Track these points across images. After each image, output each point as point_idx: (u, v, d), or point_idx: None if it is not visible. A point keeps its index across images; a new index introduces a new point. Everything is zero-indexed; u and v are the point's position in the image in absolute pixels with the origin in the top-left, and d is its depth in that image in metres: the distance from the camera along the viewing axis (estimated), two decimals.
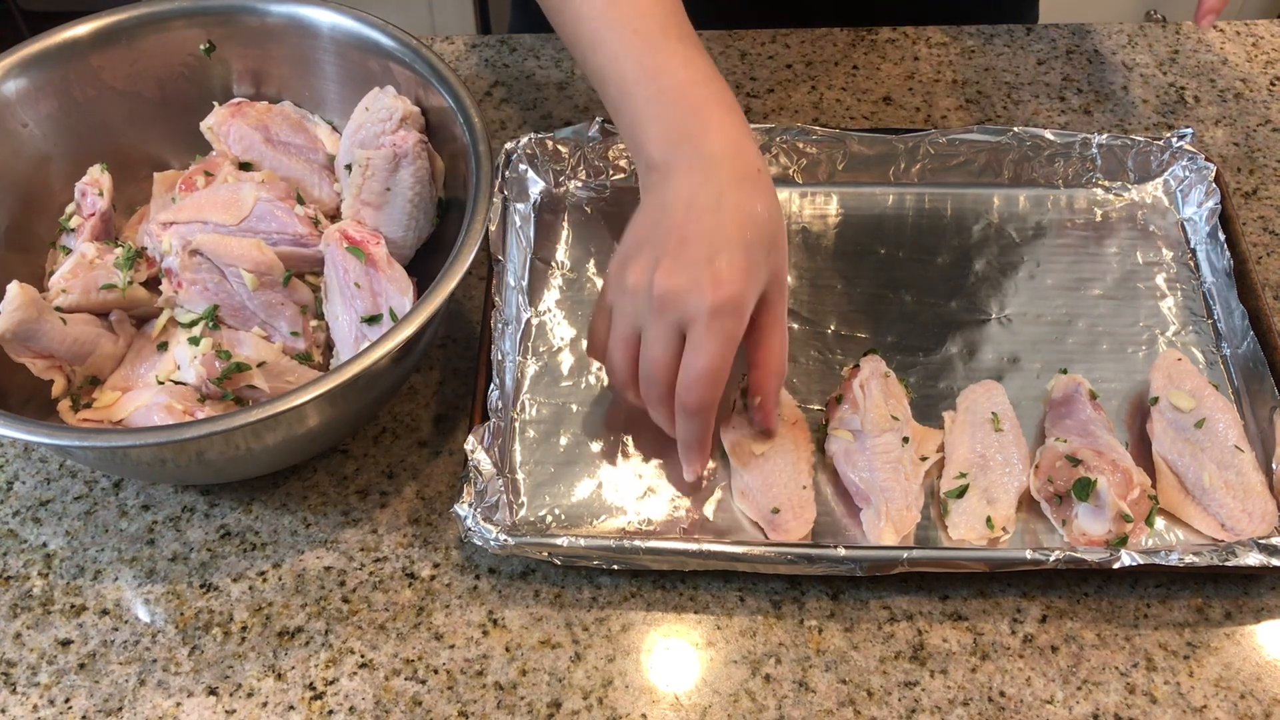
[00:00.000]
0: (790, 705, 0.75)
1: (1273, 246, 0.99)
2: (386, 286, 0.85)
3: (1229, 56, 1.14)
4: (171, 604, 0.80)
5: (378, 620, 0.79)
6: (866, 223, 1.00)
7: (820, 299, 0.95)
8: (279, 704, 0.75)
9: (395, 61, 0.91)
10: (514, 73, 1.13)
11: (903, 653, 0.77)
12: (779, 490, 0.81)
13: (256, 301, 0.85)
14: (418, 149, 0.87)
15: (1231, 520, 0.80)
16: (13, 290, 0.79)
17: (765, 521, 0.81)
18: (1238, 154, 1.06)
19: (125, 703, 0.76)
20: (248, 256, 0.84)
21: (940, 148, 1.00)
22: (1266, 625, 0.78)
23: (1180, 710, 0.74)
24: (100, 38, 0.91)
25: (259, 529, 0.83)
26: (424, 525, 0.83)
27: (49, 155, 0.92)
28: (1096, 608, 0.79)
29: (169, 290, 0.86)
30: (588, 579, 0.80)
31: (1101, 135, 1.00)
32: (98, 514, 0.84)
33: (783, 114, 1.09)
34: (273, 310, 0.86)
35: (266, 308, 0.86)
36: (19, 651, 0.78)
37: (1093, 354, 0.91)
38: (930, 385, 0.90)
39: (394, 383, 0.85)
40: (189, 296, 0.85)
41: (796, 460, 0.83)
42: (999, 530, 0.80)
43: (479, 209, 0.81)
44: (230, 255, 0.84)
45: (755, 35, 1.16)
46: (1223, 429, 0.83)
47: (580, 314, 0.94)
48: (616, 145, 1.01)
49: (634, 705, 0.75)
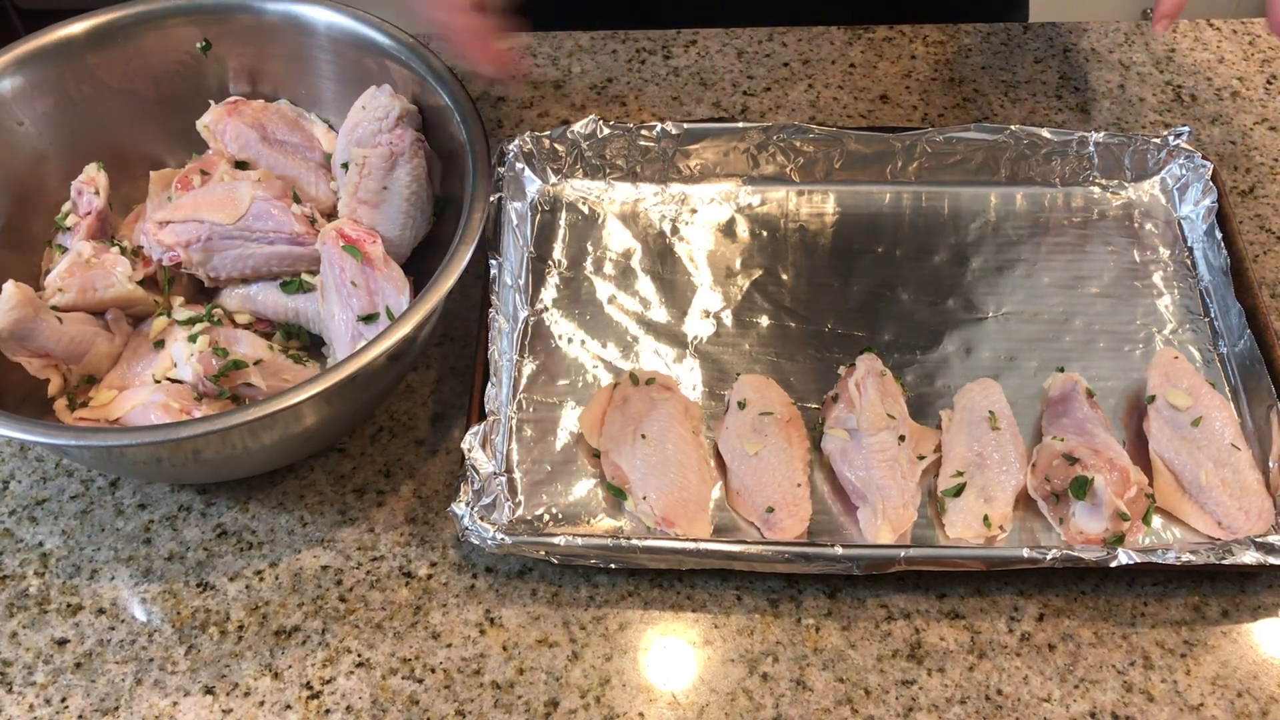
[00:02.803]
0: (788, 704, 0.75)
1: (1269, 244, 0.99)
2: (383, 285, 0.85)
3: (1226, 55, 1.14)
4: (168, 603, 0.80)
5: (375, 619, 0.79)
6: (863, 221, 1.00)
7: (817, 297, 0.95)
8: (276, 703, 0.75)
9: (392, 60, 0.91)
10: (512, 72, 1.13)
11: (900, 651, 0.77)
12: (773, 489, 0.81)
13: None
14: (414, 147, 0.87)
15: (1228, 518, 0.80)
16: (9, 289, 0.79)
17: (761, 521, 0.81)
18: (1234, 152, 1.06)
19: (122, 702, 0.75)
20: None
21: (937, 146, 1.00)
22: (1263, 623, 0.78)
23: (1177, 708, 0.74)
24: (96, 36, 0.91)
25: (256, 528, 0.83)
26: (421, 524, 0.83)
27: (45, 153, 0.92)
28: (1094, 606, 0.79)
29: None
30: (585, 578, 0.80)
31: (1098, 134, 1.00)
32: (94, 513, 0.84)
33: (780, 112, 1.09)
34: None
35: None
36: (15, 651, 0.78)
37: (1090, 352, 0.91)
38: (927, 384, 0.90)
39: (391, 381, 0.85)
40: None
41: (790, 459, 0.83)
42: (996, 529, 0.80)
43: (476, 208, 0.81)
44: None
45: (752, 33, 1.16)
46: (1219, 427, 0.83)
47: (577, 312, 0.93)
48: (614, 144, 1.00)
49: (631, 704, 0.75)
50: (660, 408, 0.85)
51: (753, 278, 0.96)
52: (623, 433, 0.84)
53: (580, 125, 1.00)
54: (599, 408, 0.87)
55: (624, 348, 0.92)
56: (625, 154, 1.01)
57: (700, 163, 1.01)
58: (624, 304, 0.94)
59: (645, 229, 0.99)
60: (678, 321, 0.93)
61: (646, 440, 0.83)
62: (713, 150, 1.01)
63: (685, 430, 0.84)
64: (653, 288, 0.95)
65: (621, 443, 0.83)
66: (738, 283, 0.96)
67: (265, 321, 0.90)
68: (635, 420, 0.84)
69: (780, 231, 0.99)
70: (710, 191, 1.01)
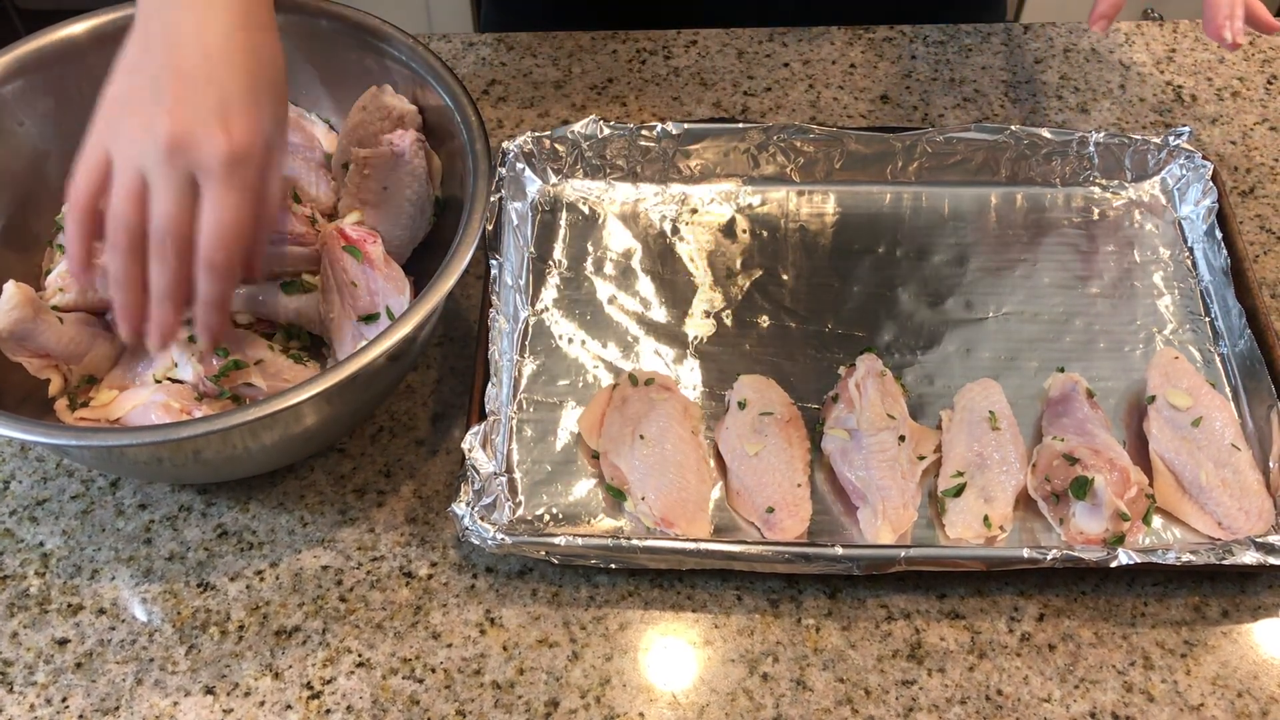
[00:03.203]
0: (788, 704, 0.75)
1: (1270, 245, 0.99)
2: (383, 285, 0.85)
3: (1226, 55, 1.14)
4: (169, 603, 0.80)
5: (375, 619, 0.79)
6: (864, 221, 1.00)
7: (817, 298, 0.95)
8: (276, 703, 0.75)
9: (392, 60, 0.91)
10: (511, 71, 1.13)
11: (900, 651, 0.77)
12: (773, 490, 0.81)
13: None
14: (415, 148, 0.87)
15: (1228, 518, 0.80)
16: (9, 289, 0.79)
17: (761, 521, 0.81)
18: (1235, 152, 1.06)
19: (122, 702, 0.75)
20: None
21: (938, 146, 1.00)
22: (1263, 623, 0.78)
23: (1177, 708, 0.74)
24: (97, 36, 0.91)
25: (256, 528, 0.83)
26: (421, 524, 0.83)
27: (46, 154, 0.92)
28: (1094, 606, 0.79)
29: None
30: (585, 578, 0.80)
31: (1099, 134, 1.00)
32: (94, 513, 0.84)
33: (780, 113, 1.09)
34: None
35: None
36: (16, 651, 0.78)
37: (1090, 352, 0.91)
38: (927, 384, 0.90)
39: (391, 381, 0.85)
40: None
41: (790, 459, 0.83)
42: (996, 529, 0.80)
43: (476, 208, 0.81)
44: None
45: (753, 34, 1.16)
46: (1220, 427, 0.83)
47: (578, 312, 0.94)
48: (614, 144, 1.01)
49: (631, 704, 0.75)
50: (659, 408, 0.85)
51: (753, 278, 0.96)
52: (621, 433, 0.84)
53: (580, 125, 1.00)
54: (598, 409, 0.87)
55: (624, 348, 0.92)
56: (625, 154, 1.01)
57: (700, 163, 1.01)
58: (624, 304, 0.94)
59: (645, 229, 0.99)
60: (678, 321, 0.94)
61: (645, 441, 0.83)
62: (713, 150, 1.01)
63: (684, 430, 0.84)
64: (653, 288, 0.96)
65: (620, 443, 0.83)
66: (738, 283, 0.96)
67: (265, 321, 0.90)
68: (634, 421, 0.84)
69: (780, 231, 0.99)
70: (710, 191, 1.01)
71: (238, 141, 0.70)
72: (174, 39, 0.71)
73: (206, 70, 0.71)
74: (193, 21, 0.71)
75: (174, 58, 0.71)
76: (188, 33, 0.71)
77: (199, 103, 0.70)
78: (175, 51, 0.71)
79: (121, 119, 0.71)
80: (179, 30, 0.71)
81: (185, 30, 0.71)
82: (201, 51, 0.71)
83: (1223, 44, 0.90)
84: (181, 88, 0.70)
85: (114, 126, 0.72)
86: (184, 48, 0.71)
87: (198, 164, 0.70)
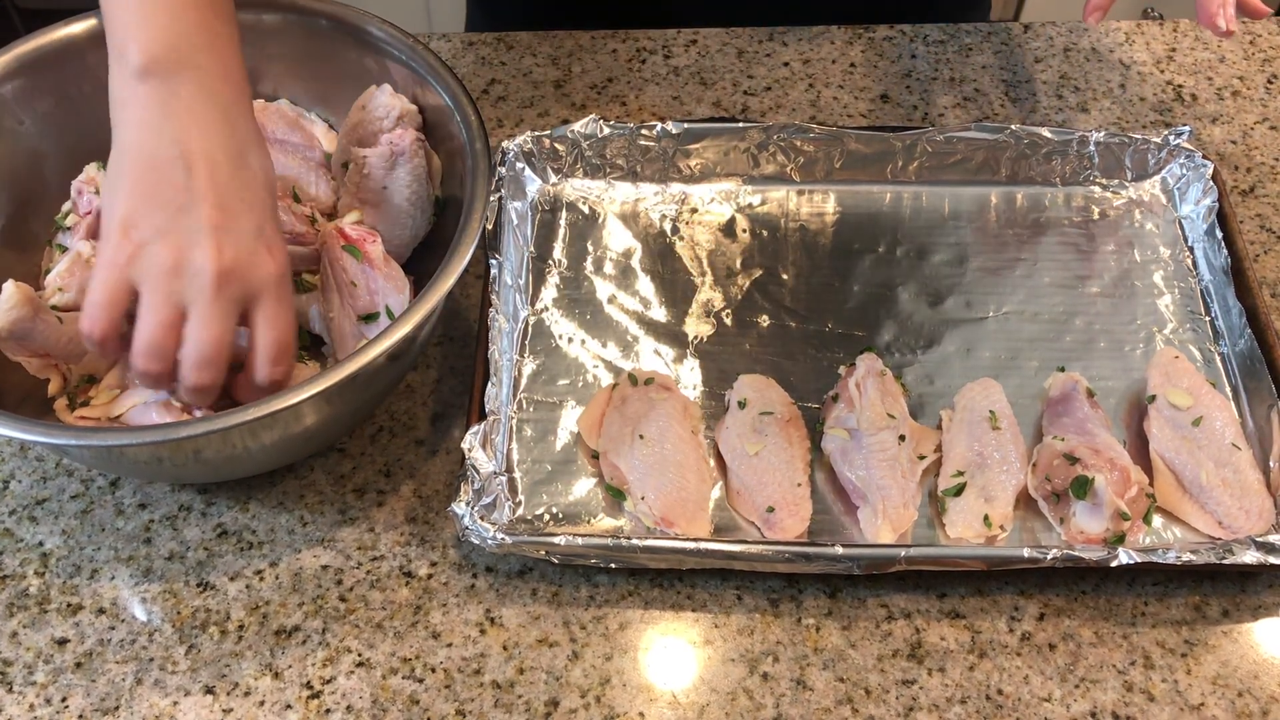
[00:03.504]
0: (788, 703, 0.75)
1: (1270, 244, 0.99)
2: (383, 285, 0.85)
3: (1226, 54, 1.14)
4: (168, 603, 0.80)
5: (375, 619, 0.79)
6: (864, 221, 1.00)
7: (817, 297, 0.95)
8: (276, 703, 0.75)
9: (392, 59, 0.91)
10: (511, 70, 1.13)
11: (900, 651, 0.77)
12: (773, 489, 0.81)
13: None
14: (414, 147, 0.87)
15: (1229, 518, 0.80)
16: (8, 289, 0.79)
17: (761, 521, 0.81)
18: (1235, 152, 1.06)
19: (122, 702, 0.75)
20: None
21: (938, 145, 1.00)
22: (1264, 623, 0.78)
23: (1178, 708, 0.74)
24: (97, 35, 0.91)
25: (256, 528, 0.83)
26: (421, 524, 0.83)
27: (45, 153, 0.92)
28: (1094, 606, 0.79)
29: None
30: (585, 577, 0.80)
31: (1099, 133, 1.00)
32: (94, 513, 0.84)
33: (780, 112, 1.09)
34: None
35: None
36: (15, 650, 0.78)
37: (1090, 352, 0.91)
38: (927, 384, 0.90)
39: (391, 381, 0.85)
40: None
41: (791, 458, 0.83)
42: (996, 528, 0.80)
43: (476, 207, 0.81)
44: None
45: (752, 33, 1.16)
46: (1220, 427, 0.83)
47: (578, 312, 0.93)
48: (614, 143, 1.00)
49: (631, 704, 0.75)
50: (658, 408, 0.85)
51: (753, 277, 0.96)
52: (621, 433, 0.84)
53: (580, 125, 1.00)
54: (597, 409, 0.87)
55: (624, 347, 0.92)
56: (625, 153, 1.01)
57: (700, 162, 1.01)
58: (624, 304, 0.94)
59: (645, 228, 0.99)
60: (678, 321, 0.93)
61: (644, 440, 0.82)
62: (713, 150, 1.01)
63: (683, 430, 0.84)
64: (653, 287, 0.95)
65: (620, 443, 0.83)
66: (738, 282, 0.96)
67: None
68: (633, 421, 0.84)
69: (780, 231, 0.99)
70: (710, 191, 1.01)
71: (279, 262, 0.73)
72: (190, 160, 0.71)
73: (236, 194, 0.71)
74: (200, 140, 0.71)
75: (197, 181, 0.71)
76: (201, 150, 0.71)
77: (241, 229, 0.71)
78: (196, 174, 0.71)
79: (147, 247, 0.70)
80: (192, 145, 0.71)
81: (195, 149, 0.71)
82: (222, 172, 0.71)
83: (1215, 31, 0.90)
84: (221, 216, 0.70)
85: (137, 256, 0.70)
86: (203, 168, 0.71)
87: (249, 290, 0.72)
